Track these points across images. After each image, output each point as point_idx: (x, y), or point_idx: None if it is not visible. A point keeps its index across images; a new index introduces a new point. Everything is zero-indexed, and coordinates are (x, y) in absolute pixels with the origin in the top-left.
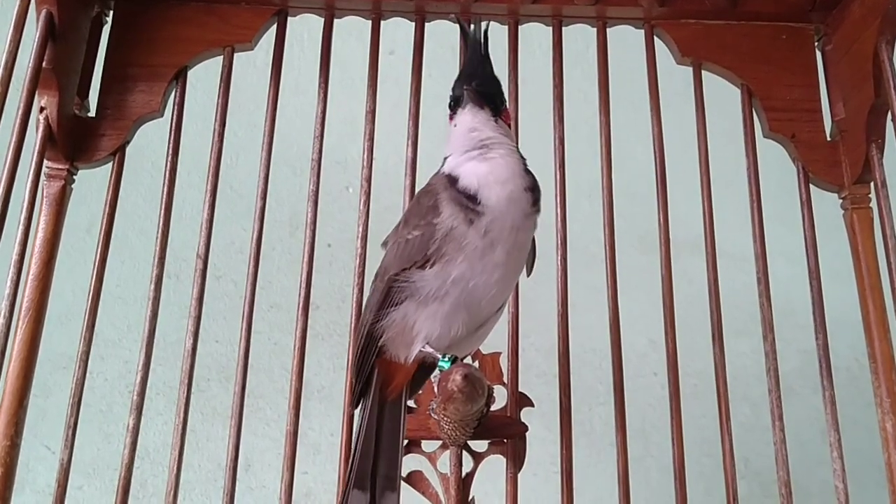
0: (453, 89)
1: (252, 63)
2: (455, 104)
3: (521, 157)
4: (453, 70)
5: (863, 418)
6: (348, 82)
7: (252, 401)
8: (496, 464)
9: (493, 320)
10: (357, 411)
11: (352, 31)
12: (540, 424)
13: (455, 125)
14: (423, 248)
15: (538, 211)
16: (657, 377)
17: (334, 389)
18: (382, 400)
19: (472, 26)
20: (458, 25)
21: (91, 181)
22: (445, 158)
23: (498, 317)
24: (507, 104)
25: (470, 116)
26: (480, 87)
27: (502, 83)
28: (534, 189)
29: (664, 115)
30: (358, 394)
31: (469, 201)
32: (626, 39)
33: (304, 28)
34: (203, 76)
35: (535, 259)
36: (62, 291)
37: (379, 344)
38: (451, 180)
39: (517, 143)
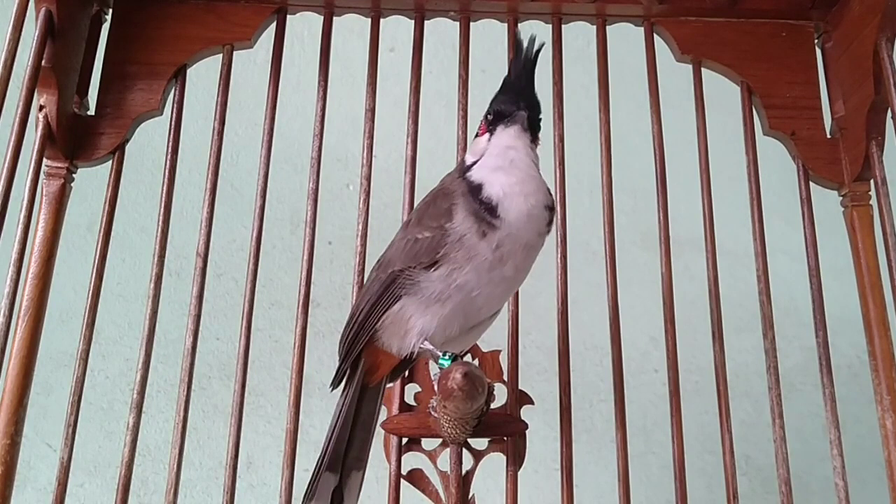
0: (500, 103)
1: (253, 61)
2: (497, 118)
3: (543, 181)
4: (454, 68)
5: (865, 415)
6: (350, 80)
7: (253, 398)
8: (496, 462)
9: (487, 323)
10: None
11: (354, 28)
12: (542, 421)
13: (490, 138)
14: (431, 250)
15: (549, 232)
16: (659, 374)
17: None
18: (364, 387)
19: (525, 40)
20: (507, 31)
21: (92, 179)
22: (467, 165)
23: (493, 320)
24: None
25: (513, 137)
26: (532, 113)
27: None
28: (551, 209)
29: (667, 111)
30: (341, 377)
31: (487, 213)
32: (629, 36)
33: (304, 26)
34: (205, 74)
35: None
36: (64, 289)
37: (371, 332)
38: (473, 189)
39: None
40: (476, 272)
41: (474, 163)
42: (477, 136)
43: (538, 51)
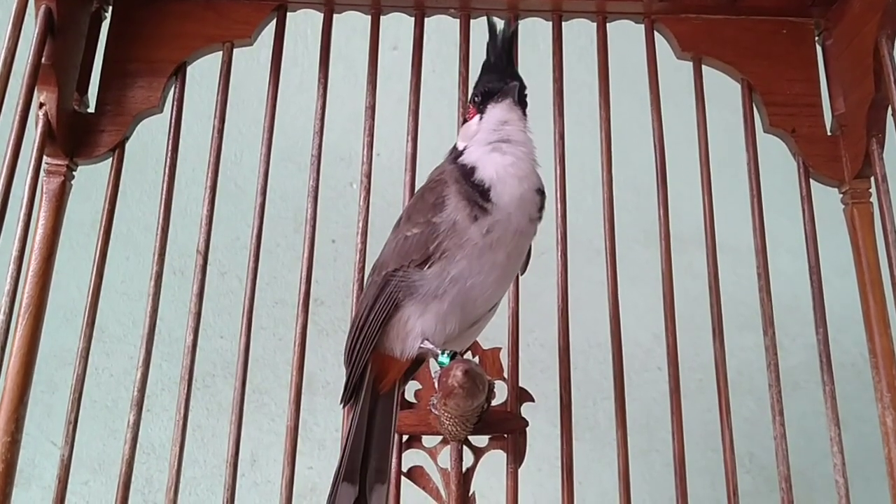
0: (486, 83)
1: (255, 59)
2: (486, 97)
3: (535, 161)
4: (457, 65)
5: (868, 413)
6: (352, 78)
7: (257, 396)
8: (497, 459)
9: (485, 319)
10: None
11: (356, 26)
12: (545, 419)
13: (482, 117)
14: (422, 245)
15: (541, 218)
16: (662, 371)
17: (339, 385)
18: (375, 394)
19: (500, 26)
20: (487, 22)
21: (95, 177)
22: (458, 150)
23: (491, 316)
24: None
25: (507, 111)
26: (521, 87)
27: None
28: (542, 193)
29: (670, 108)
30: (351, 389)
31: (480, 196)
32: (631, 33)
33: (307, 24)
34: (207, 72)
35: (528, 261)
36: (67, 287)
37: (374, 339)
38: (466, 172)
39: None
40: (468, 260)
41: (466, 147)
42: (465, 121)
43: (514, 31)
